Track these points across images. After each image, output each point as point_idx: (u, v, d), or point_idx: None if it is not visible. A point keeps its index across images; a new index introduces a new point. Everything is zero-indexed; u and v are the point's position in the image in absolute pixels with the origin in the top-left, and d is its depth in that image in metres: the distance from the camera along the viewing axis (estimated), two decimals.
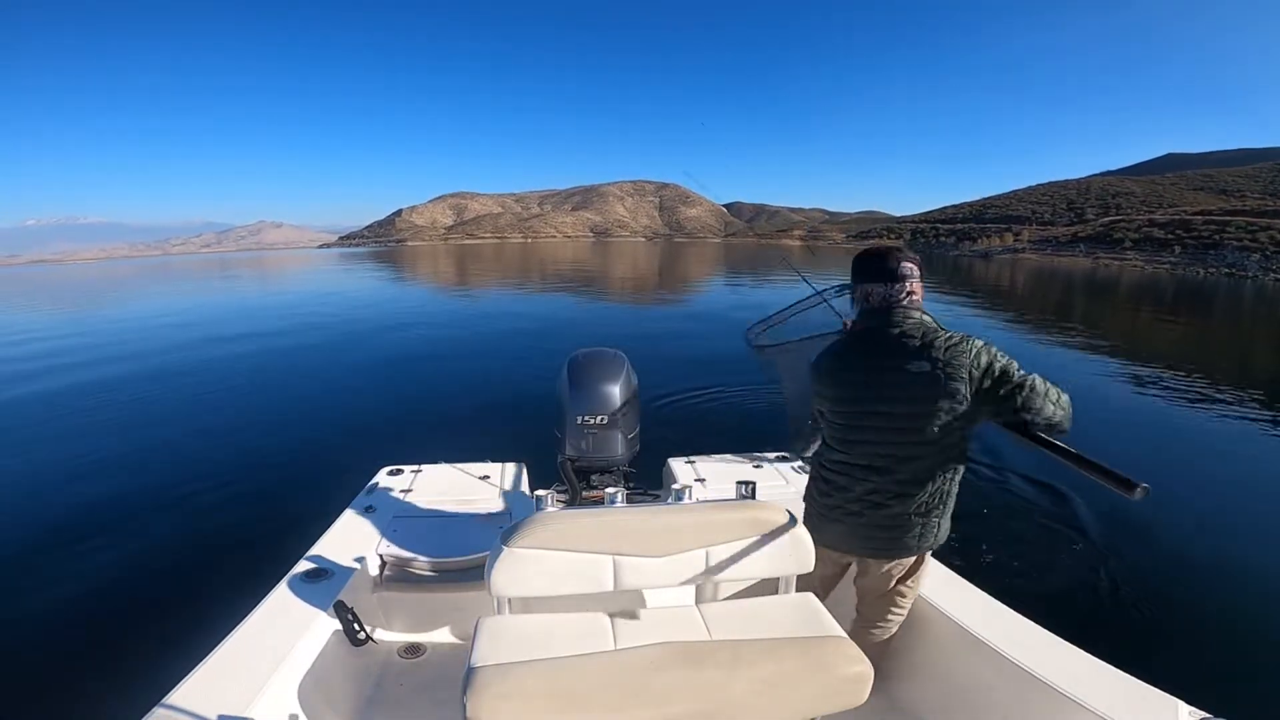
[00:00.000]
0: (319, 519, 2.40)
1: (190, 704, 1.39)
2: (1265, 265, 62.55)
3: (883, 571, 1.79)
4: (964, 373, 1.53)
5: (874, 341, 1.67)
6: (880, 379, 1.63)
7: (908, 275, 1.69)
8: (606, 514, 1.48)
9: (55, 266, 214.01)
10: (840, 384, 1.72)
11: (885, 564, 1.77)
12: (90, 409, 7.60)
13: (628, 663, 1.28)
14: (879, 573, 1.80)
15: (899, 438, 1.62)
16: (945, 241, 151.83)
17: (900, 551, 1.73)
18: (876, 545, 1.74)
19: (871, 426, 1.66)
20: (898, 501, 1.66)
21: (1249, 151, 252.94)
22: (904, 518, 1.67)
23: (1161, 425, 7.05)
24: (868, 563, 1.81)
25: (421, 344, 12.28)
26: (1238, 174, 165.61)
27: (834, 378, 1.74)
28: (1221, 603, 3.49)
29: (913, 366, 1.57)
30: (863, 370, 1.67)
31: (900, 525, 1.68)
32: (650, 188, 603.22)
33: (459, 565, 2.16)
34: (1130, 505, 4.74)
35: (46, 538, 4.22)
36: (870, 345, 1.68)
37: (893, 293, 1.69)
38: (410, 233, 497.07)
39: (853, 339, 1.76)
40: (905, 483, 1.64)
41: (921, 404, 1.56)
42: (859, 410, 1.68)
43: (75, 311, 22.08)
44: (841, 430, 1.73)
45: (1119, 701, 1.42)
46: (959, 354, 1.54)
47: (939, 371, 1.54)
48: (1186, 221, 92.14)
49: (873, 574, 1.82)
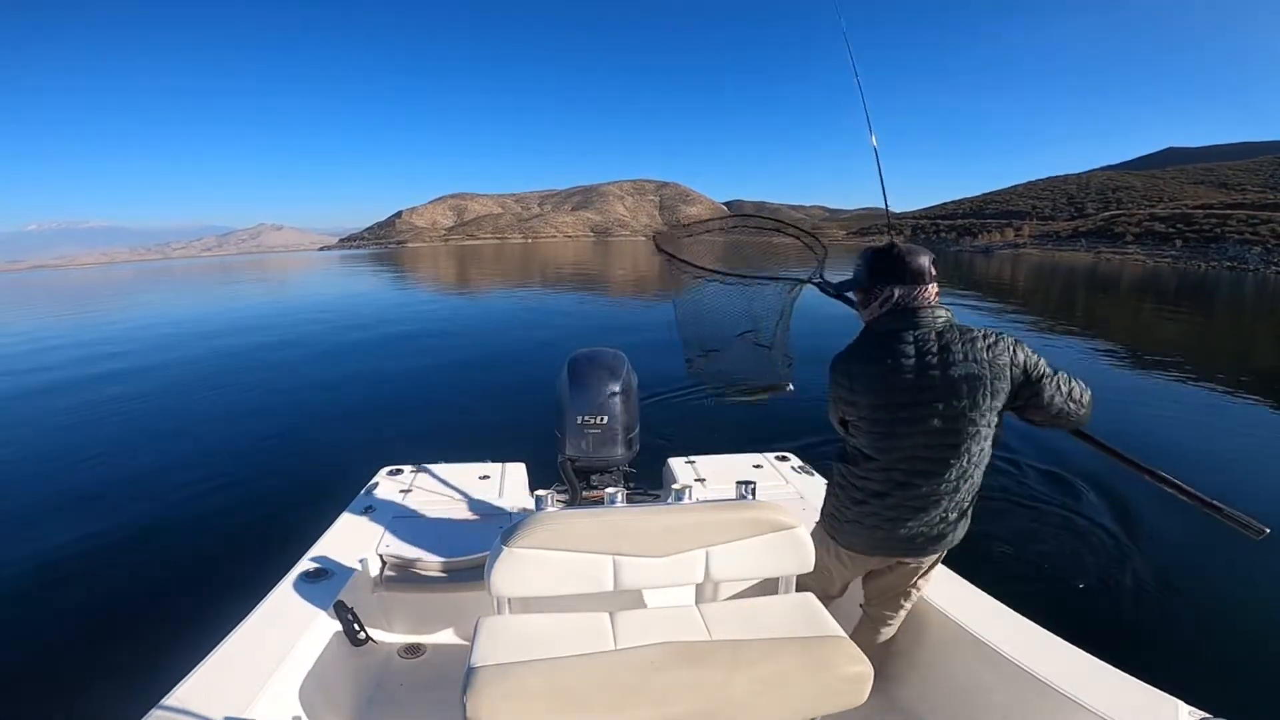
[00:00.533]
0: (319, 519, 2.40)
1: (190, 704, 1.39)
2: (1266, 258, 62.33)
3: (909, 569, 1.79)
4: (1007, 371, 1.56)
5: (909, 343, 1.59)
6: (925, 381, 1.56)
7: (935, 275, 1.68)
8: (606, 514, 1.48)
9: (56, 271, 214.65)
10: (882, 389, 1.61)
11: (916, 562, 1.77)
12: (91, 413, 7.61)
13: (628, 662, 1.28)
14: (905, 570, 1.80)
15: (946, 439, 1.59)
16: (946, 237, 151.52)
17: (940, 549, 1.74)
18: (918, 546, 1.71)
19: (918, 430, 1.59)
20: (945, 500, 1.65)
21: (1250, 145, 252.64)
22: (948, 517, 1.67)
23: (1163, 422, 7.03)
24: (904, 563, 1.78)
25: (421, 344, 12.28)
26: (1238, 167, 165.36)
27: (874, 381, 1.61)
28: (1221, 603, 3.48)
29: (959, 369, 1.55)
30: (908, 372, 1.57)
31: (945, 524, 1.68)
32: (650, 187, 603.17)
33: (459, 565, 2.16)
34: (1131, 506, 4.71)
35: (46, 538, 4.23)
36: (907, 347, 1.59)
37: (918, 292, 1.64)
38: (410, 234, 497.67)
39: (880, 340, 1.64)
40: (951, 482, 1.62)
41: (968, 404, 1.56)
42: (901, 415, 1.59)
43: (75, 316, 22.11)
44: (879, 436, 1.64)
45: (1119, 701, 1.42)
46: (1000, 353, 1.57)
47: (985, 371, 1.55)
48: (1188, 215, 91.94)
49: (898, 573, 1.81)
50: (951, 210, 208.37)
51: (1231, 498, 1.83)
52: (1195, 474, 1.87)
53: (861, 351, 1.68)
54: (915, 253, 1.68)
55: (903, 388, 1.58)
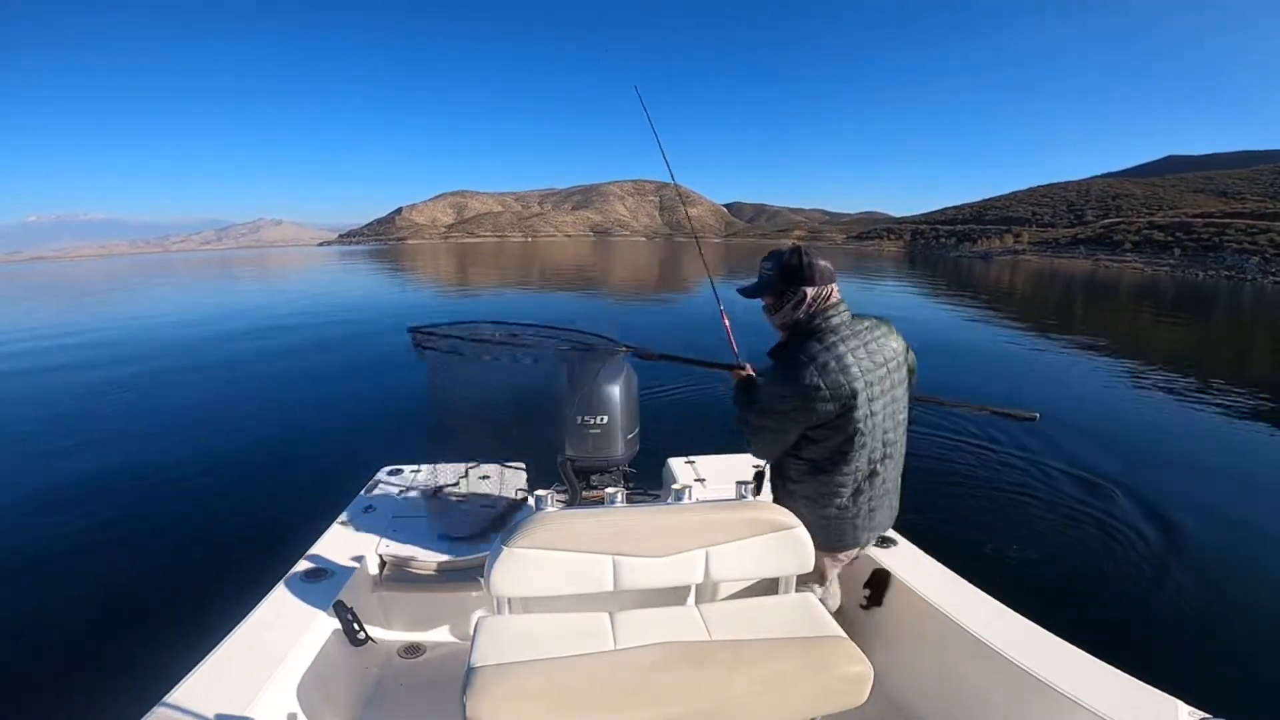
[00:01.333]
0: (319, 519, 2.40)
1: (190, 703, 1.39)
2: (1264, 268, 62.38)
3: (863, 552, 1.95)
4: (904, 353, 1.79)
5: (845, 338, 1.64)
6: (873, 374, 1.65)
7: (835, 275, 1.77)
8: (606, 514, 1.48)
9: (55, 263, 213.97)
10: (847, 387, 1.60)
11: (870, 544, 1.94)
12: (89, 410, 7.60)
13: (628, 663, 1.28)
14: (862, 556, 1.99)
15: (898, 422, 1.75)
16: (945, 243, 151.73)
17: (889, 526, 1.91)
18: (879, 530, 1.85)
19: (877, 420, 1.67)
20: (897, 481, 1.82)
21: (1251, 154, 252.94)
22: (897, 497, 1.84)
23: (1161, 426, 7.06)
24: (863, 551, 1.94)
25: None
26: (1238, 176, 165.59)
27: (838, 381, 1.60)
28: (1222, 603, 3.50)
29: (886, 354, 1.69)
30: (855, 365, 1.61)
31: (895, 503, 1.85)
32: (650, 187, 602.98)
33: (459, 565, 2.17)
34: (1130, 506, 4.73)
35: (46, 537, 4.22)
36: (843, 343, 1.62)
37: (829, 292, 1.71)
38: (410, 231, 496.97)
39: (819, 339, 1.64)
40: (900, 463, 1.80)
41: (902, 387, 1.75)
42: (863, 410, 1.63)
43: (75, 310, 22.06)
44: (850, 436, 1.64)
45: (1119, 701, 1.42)
46: (896, 337, 1.77)
47: (898, 355, 1.74)
48: (1187, 224, 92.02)
49: (860, 560, 2.00)
50: (951, 215, 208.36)
51: (1231, 498, 1.84)
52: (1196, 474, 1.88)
53: (812, 355, 1.62)
54: (820, 255, 1.75)
55: (862, 381, 1.62)
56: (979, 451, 5.77)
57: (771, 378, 1.71)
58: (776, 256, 1.74)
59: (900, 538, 2.25)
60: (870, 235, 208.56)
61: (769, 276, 1.72)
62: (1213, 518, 4.55)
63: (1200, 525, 4.43)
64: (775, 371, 1.69)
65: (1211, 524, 4.46)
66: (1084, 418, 7.20)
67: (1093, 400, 8.16)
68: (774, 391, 1.68)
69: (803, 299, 1.69)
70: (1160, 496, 4.84)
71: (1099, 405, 7.90)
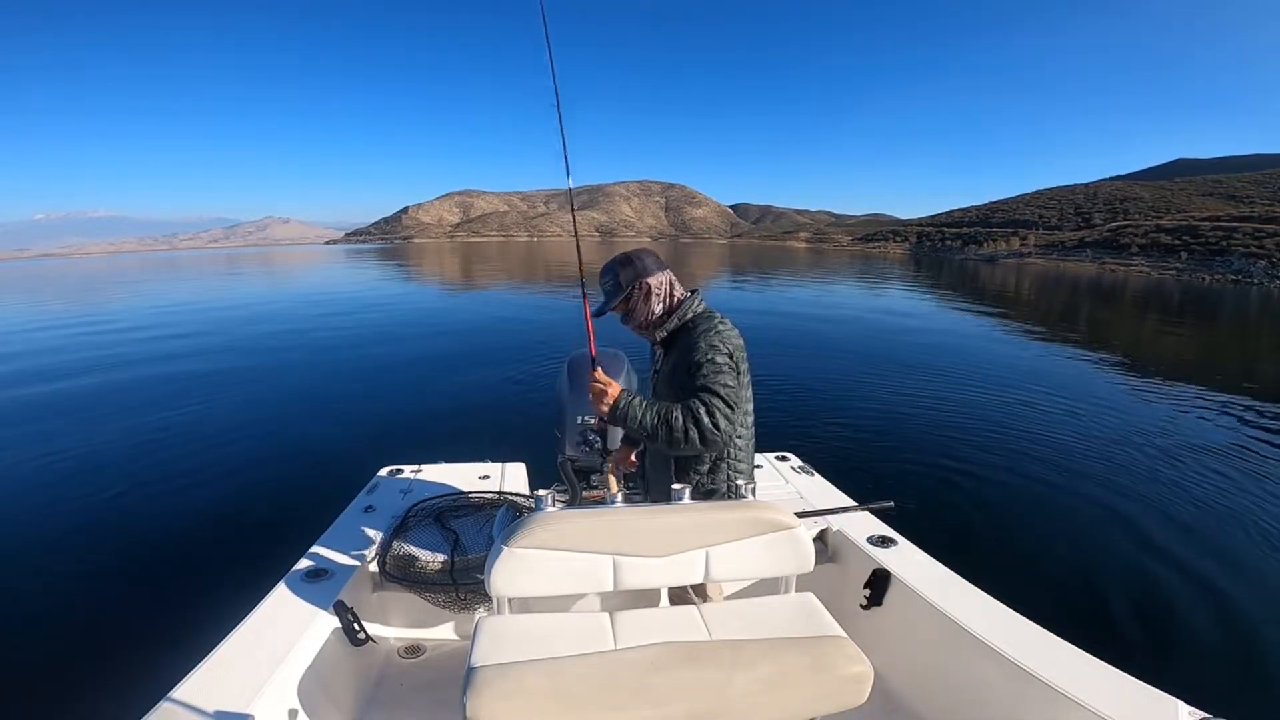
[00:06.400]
0: (319, 519, 2.41)
1: (191, 702, 1.40)
2: (1271, 272, 61.94)
3: None
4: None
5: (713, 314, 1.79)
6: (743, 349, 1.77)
7: None
8: (606, 514, 1.48)
9: (62, 260, 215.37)
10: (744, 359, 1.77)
11: None
12: (89, 410, 7.60)
13: (628, 662, 1.28)
14: None
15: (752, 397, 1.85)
16: (951, 245, 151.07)
17: None
18: None
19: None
20: None
21: (1261, 157, 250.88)
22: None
23: (1161, 427, 7.02)
24: None
25: (422, 344, 12.28)
26: (1247, 179, 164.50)
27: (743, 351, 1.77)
28: (1222, 603, 3.49)
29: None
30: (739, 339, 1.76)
31: None
32: (656, 188, 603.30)
33: (458, 565, 2.17)
34: (1130, 506, 4.72)
35: (46, 536, 4.24)
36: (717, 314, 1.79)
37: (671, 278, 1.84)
38: (416, 230, 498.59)
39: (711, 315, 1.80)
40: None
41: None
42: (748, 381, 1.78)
43: (81, 307, 22.17)
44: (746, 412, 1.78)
45: (1119, 701, 1.42)
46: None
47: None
48: (1194, 227, 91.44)
49: None
50: (957, 218, 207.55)
51: (1232, 499, 1.83)
52: (1196, 475, 1.87)
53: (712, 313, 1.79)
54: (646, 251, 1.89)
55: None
56: (979, 452, 5.76)
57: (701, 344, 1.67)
58: (607, 266, 1.85)
59: (900, 538, 2.25)
60: (876, 237, 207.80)
61: (610, 285, 1.83)
62: (1213, 518, 4.54)
63: (1200, 525, 4.42)
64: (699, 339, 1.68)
65: (1211, 524, 4.45)
66: (1084, 419, 7.18)
67: (1093, 401, 8.12)
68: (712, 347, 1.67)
69: (648, 290, 1.79)
70: (1160, 497, 4.84)
71: (1099, 406, 7.87)
